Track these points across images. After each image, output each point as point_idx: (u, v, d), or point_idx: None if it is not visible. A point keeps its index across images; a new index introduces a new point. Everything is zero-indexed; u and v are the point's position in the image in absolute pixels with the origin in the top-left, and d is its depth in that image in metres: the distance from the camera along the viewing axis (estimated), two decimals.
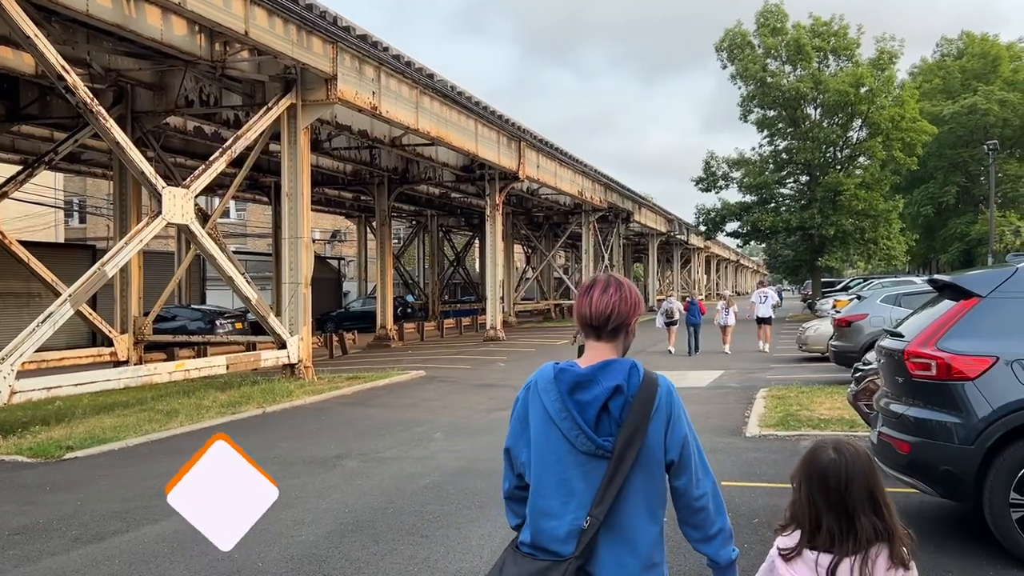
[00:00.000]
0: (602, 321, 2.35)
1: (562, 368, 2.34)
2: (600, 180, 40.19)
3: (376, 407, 13.40)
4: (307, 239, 17.36)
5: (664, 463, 2.29)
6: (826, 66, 40.41)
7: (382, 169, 27.79)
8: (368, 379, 16.82)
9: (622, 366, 2.29)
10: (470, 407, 13.26)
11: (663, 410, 2.26)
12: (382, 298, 28.87)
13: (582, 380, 2.28)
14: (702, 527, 2.34)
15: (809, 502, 2.27)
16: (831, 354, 15.35)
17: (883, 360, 5.84)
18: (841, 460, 2.25)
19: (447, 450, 9.66)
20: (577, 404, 2.26)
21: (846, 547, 2.20)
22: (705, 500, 2.32)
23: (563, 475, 2.26)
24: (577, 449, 2.24)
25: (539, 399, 2.33)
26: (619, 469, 2.21)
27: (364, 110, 18.60)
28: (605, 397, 2.25)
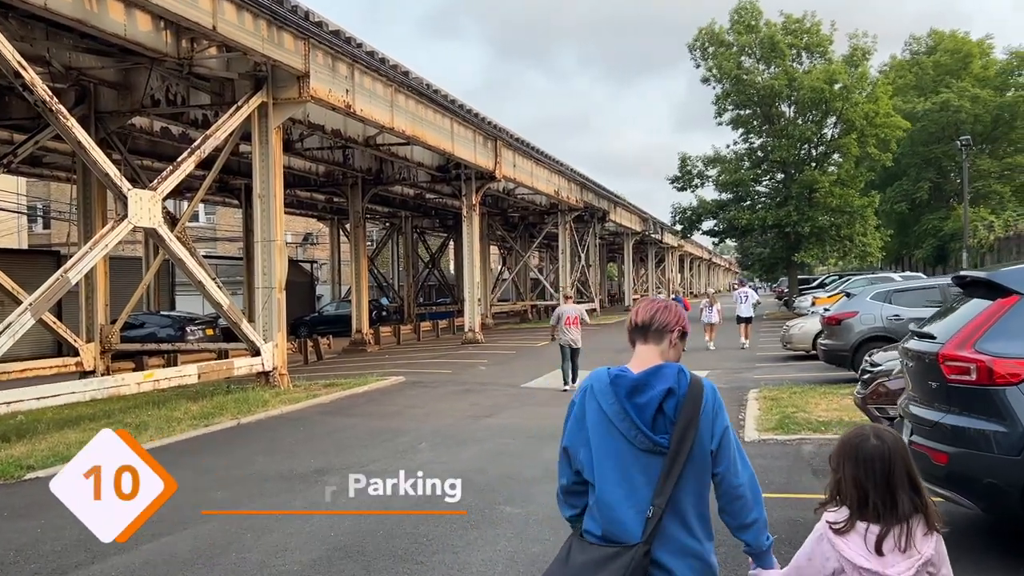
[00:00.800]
0: (646, 323, 2.69)
1: (617, 374, 2.60)
2: (576, 179, 39.84)
3: (357, 416, 12.87)
4: (280, 242, 16.77)
5: (710, 452, 2.55)
6: (799, 63, 40.39)
7: (356, 170, 27.19)
8: (346, 386, 16.26)
9: (672, 370, 2.57)
10: (455, 414, 12.78)
11: (709, 407, 2.55)
12: (357, 301, 28.27)
13: (638, 384, 2.55)
14: (740, 515, 2.60)
15: (855, 483, 2.52)
16: (820, 353, 15.06)
17: (912, 364, 5.45)
18: (884, 446, 2.52)
19: (435, 462, 9.18)
20: (635, 407, 2.53)
21: (891, 520, 2.49)
22: (743, 489, 2.58)
23: (624, 470, 2.53)
24: (636, 447, 2.52)
25: (596, 402, 2.59)
26: (675, 462, 2.48)
27: (338, 108, 18.05)
28: (659, 399, 2.52)
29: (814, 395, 12.56)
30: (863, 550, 2.50)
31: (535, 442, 10.12)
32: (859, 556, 2.50)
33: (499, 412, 12.93)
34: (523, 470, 8.51)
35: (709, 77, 41.29)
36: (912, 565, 2.49)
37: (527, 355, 23.48)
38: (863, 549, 2.50)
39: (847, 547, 2.52)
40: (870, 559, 2.49)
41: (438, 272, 48.49)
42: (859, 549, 2.51)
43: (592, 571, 2.49)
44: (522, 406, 13.58)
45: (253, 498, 7.73)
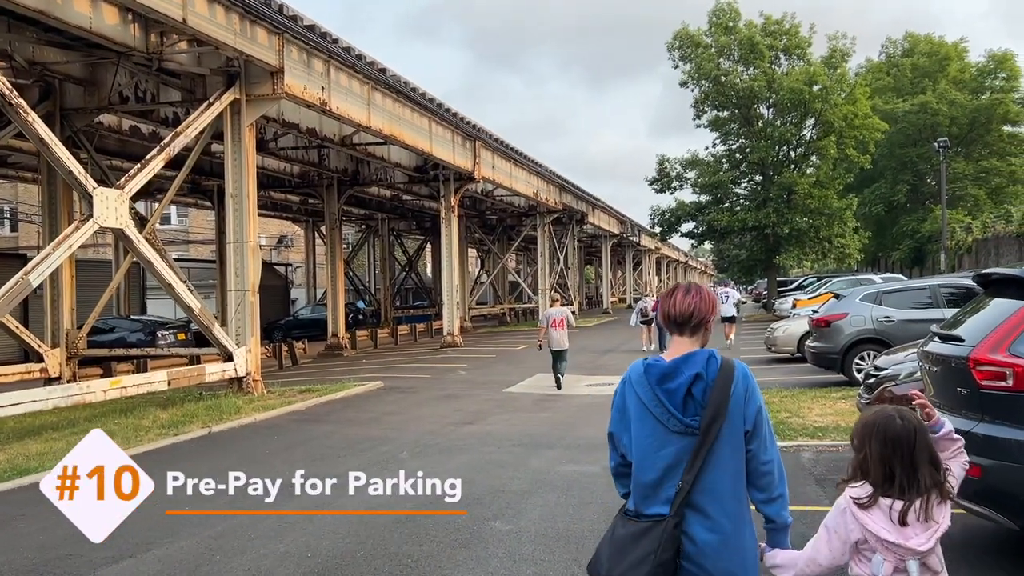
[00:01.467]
0: (685, 318, 2.80)
1: (650, 364, 2.77)
2: (555, 181, 39.49)
3: (333, 423, 12.36)
4: (254, 243, 16.22)
5: (743, 432, 2.70)
6: (778, 65, 40.34)
7: (331, 170, 26.63)
8: (322, 392, 15.74)
9: (701, 357, 2.73)
10: (436, 421, 12.31)
11: (740, 389, 2.69)
12: (333, 305, 27.70)
13: (668, 372, 2.72)
14: (767, 489, 2.75)
15: (881, 460, 2.67)
16: (809, 356, 14.75)
17: (935, 368, 5.08)
18: (908, 425, 2.69)
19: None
20: (665, 392, 2.70)
21: (913, 494, 2.65)
22: (771, 466, 2.73)
23: (659, 451, 2.70)
24: (669, 429, 2.69)
25: (634, 391, 2.77)
26: (704, 442, 2.64)
27: (313, 106, 17.54)
28: (688, 384, 2.68)
29: (805, 399, 12.23)
30: (887, 523, 2.66)
31: (521, 451, 9.69)
32: (882, 529, 2.66)
33: (482, 418, 12.48)
34: (511, 482, 8.07)
35: (688, 80, 41.16)
36: (931, 536, 2.66)
37: (507, 359, 23.05)
38: (886, 522, 2.66)
39: (871, 520, 2.67)
40: (892, 532, 2.65)
41: (415, 275, 47.94)
42: (882, 522, 2.66)
43: (631, 543, 2.71)
44: (505, 412, 13.14)
45: (222, 514, 7.22)
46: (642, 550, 2.67)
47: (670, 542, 2.64)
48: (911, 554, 2.66)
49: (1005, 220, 32.62)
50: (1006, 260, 31.84)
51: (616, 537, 2.78)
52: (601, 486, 7.71)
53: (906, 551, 2.66)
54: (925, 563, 2.69)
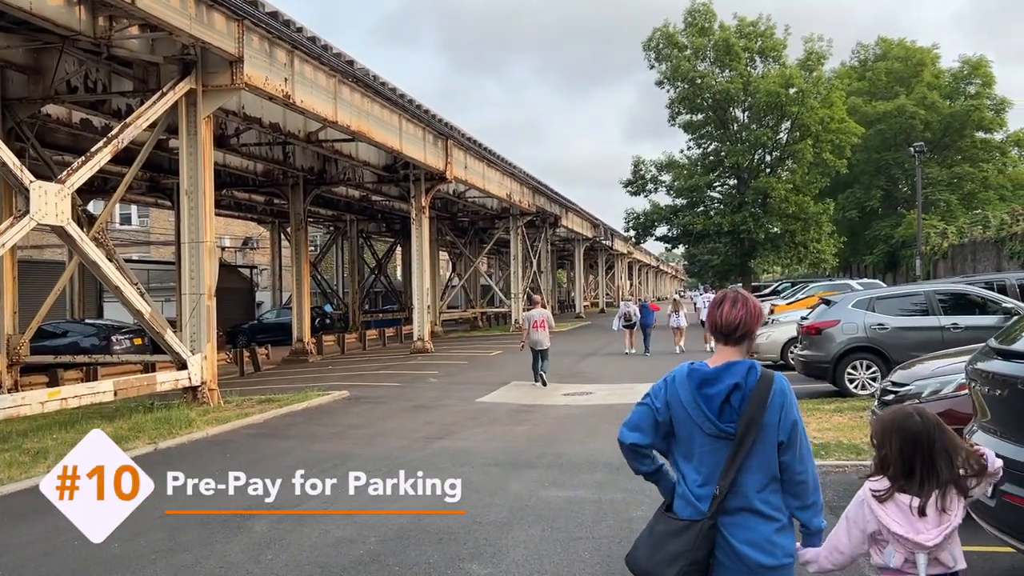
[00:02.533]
0: (732, 329, 2.90)
1: (694, 368, 2.90)
2: (529, 183, 38.69)
3: (293, 438, 11.39)
4: (210, 243, 15.19)
5: (777, 443, 2.81)
6: (754, 68, 39.96)
7: (297, 169, 25.56)
8: (283, 402, 14.75)
9: (742, 367, 2.84)
10: (405, 435, 11.40)
11: (777, 401, 2.81)
12: (299, 309, 26.63)
13: (709, 378, 2.86)
14: (800, 496, 2.86)
15: (901, 456, 2.83)
16: (798, 364, 14.04)
17: (997, 391, 4.29)
18: (926, 424, 2.83)
19: (384, 498, 7.80)
20: (704, 397, 2.84)
21: (930, 488, 2.79)
22: (805, 476, 2.84)
23: (696, 453, 2.86)
24: (705, 432, 2.84)
25: (676, 391, 2.89)
26: (740, 448, 2.78)
27: (275, 98, 16.55)
28: (727, 392, 2.81)
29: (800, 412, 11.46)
30: (900, 517, 2.77)
31: (499, 471, 8.82)
32: (894, 523, 2.77)
33: (454, 433, 11.59)
34: (488, 510, 7.20)
35: (663, 80, 40.67)
36: (941, 532, 2.74)
37: (480, 365, 22.16)
38: (899, 516, 2.77)
39: (885, 514, 2.79)
40: (904, 525, 2.75)
41: (385, 278, 46.86)
42: (896, 516, 2.77)
43: (669, 540, 2.83)
44: (479, 425, 12.26)
45: (160, 554, 6.29)
46: (677, 547, 2.81)
47: (704, 542, 2.78)
48: (919, 548, 2.76)
49: (982, 226, 32.33)
50: (983, 266, 31.54)
51: (655, 533, 2.91)
52: (590, 516, 6.88)
53: (915, 545, 2.75)
54: (937, 558, 2.79)
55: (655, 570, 2.84)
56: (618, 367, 20.96)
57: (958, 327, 12.78)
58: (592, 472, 8.59)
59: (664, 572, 2.81)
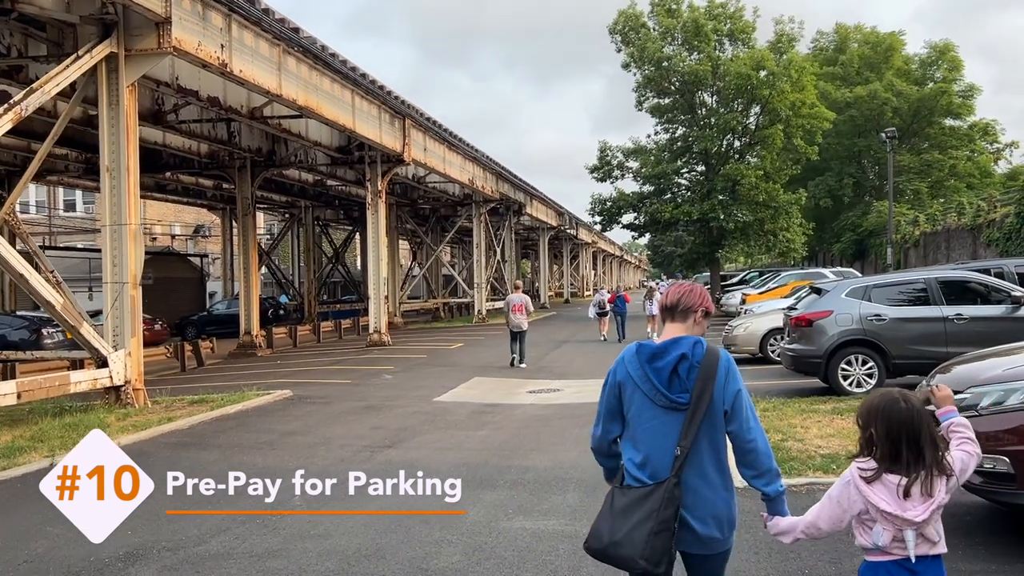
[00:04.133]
0: (674, 304, 3.17)
1: (642, 345, 3.11)
2: (492, 168, 37.22)
3: (217, 449, 9.89)
4: (135, 227, 13.56)
5: (723, 412, 3.01)
6: (722, 51, 38.85)
7: (243, 149, 23.83)
8: (217, 403, 13.21)
9: (688, 341, 3.04)
10: (350, 444, 9.96)
11: (722, 373, 2.99)
12: (246, 299, 24.96)
13: (657, 351, 3.05)
14: (753, 466, 3.02)
15: (888, 440, 2.87)
16: (787, 359, 12.82)
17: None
18: (912, 408, 2.89)
19: (310, 533, 6.42)
20: (654, 370, 3.02)
21: (917, 470, 2.85)
22: (754, 444, 3.01)
23: (648, 423, 3.03)
24: (656, 404, 3.01)
25: (626, 369, 3.09)
26: (696, 413, 2.96)
27: (210, 66, 14.91)
28: (674, 363, 3.00)
29: (792, 414, 10.24)
30: (888, 496, 2.84)
31: (455, 490, 7.42)
32: (882, 501, 2.84)
33: (406, 439, 10.19)
34: (439, 551, 5.84)
35: (630, 62, 39.41)
36: (927, 509, 2.84)
37: (440, 360, 20.74)
38: (888, 495, 2.85)
39: (873, 493, 2.85)
40: (892, 504, 2.84)
41: (343, 267, 45.11)
42: (884, 495, 2.85)
43: (635, 507, 2.94)
44: (435, 429, 10.87)
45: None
46: (645, 510, 2.91)
47: (671, 500, 2.91)
48: (908, 525, 2.84)
49: (957, 212, 31.56)
50: (957, 254, 30.79)
51: (617, 507, 2.99)
52: (565, 556, 5.53)
53: (904, 522, 2.84)
54: (922, 533, 2.87)
55: (623, 539, 2.91)
56: (586, 360, 19.68)
57: (962, 318, 11.64)
58: (564, 492, 7.24)
59: (633, 536, 2.89)
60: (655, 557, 2.86)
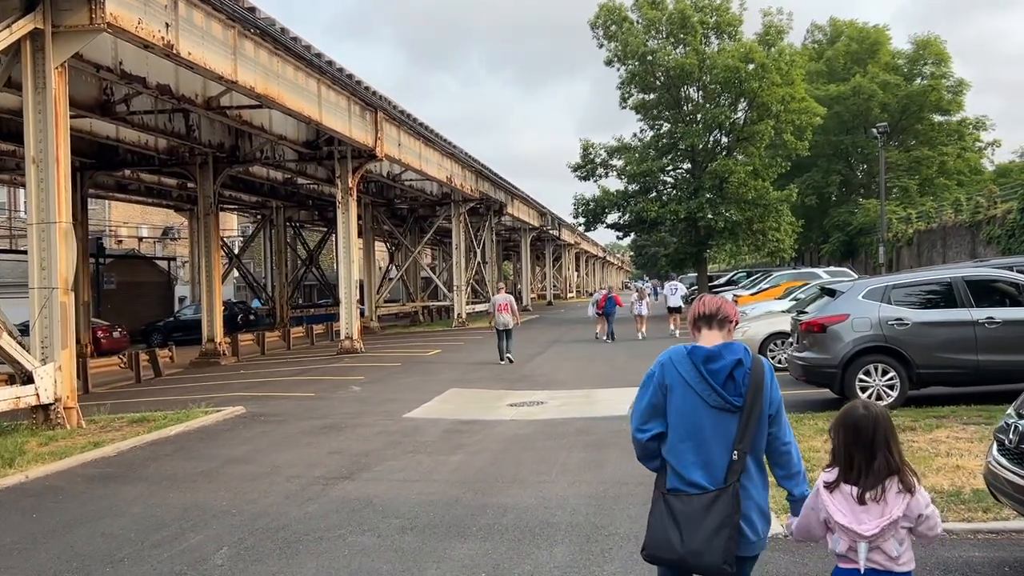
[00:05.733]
0: (713, 312, 3.28)
1: (694, 348, 3.20)
2: (472, 166, 35.81)
3: (141, 483, 8.42)
4: (65, 224, 12.08)
5: (768, 416, 3.14)
6: (708, 45, 37.67)
7: (204, 144, 22.29)
8: (159, 423, 11.74)
9: (739, 347, 3.17)
10: (300, 474, 8.54)
11: (769, 379, 3.14)
12: (209, 304, 23.41)
13: (712, 354, 3.14)
14: (786, 467, 3.19)
15: (845, 446, 2.93)
16: (795, 368, 11.47)
17: None
18: (870, 414, 2.92)
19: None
20: (710, 371, 3.11)
21: (869, 479, 2.87)
22: (789, 447, 3.19)
23: (695, 421, 3.11)
24: (709, 404, 3.10)
25: (675, 370, 3.17)
26: (751, 416, 3.07)
27: (154, 47, 13.42)
28: (731, 367, 3.10)
29: (810, 433, 8.90)
30: (843, 507, 2.90)
31: (413, 543, 6.05)
32: (838, 512, 2.91)
33: (366, 468, 8.77)
34: None
35: (613, 59, 38.13)
36: (879, 524, 2.85)
37: (415, 369, 19.31)
38: (843, 506, 2.90)
39: (831, 503, 2.93)
40: (847, 515, 2.88)
41: (318, 270, 43.54)
42: (840, 506, 2.91)
43: (704, 514, 2.99)
44: (401, 454, 9.46)
45: None
46: (717, 517, 2.97)
47: (736, 504, 2.99)
48: (859, 538, 2.87)
49: (954, 209, 30.46)
50: (955, 252, 29.72)
51: (680, 514, 3.03)
52: None
53: (855, 535, 2.87)
54: (880, 547, 2.87)
55: (704, 548, 2.95)
56: (572, 367, 18.33)
57: (994, 322, 10.37)
58: (551, 544, 5.85)
59: (713, 544, 2.95)
60: (733, 560, 2.95)
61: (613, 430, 10.29)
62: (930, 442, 8.13)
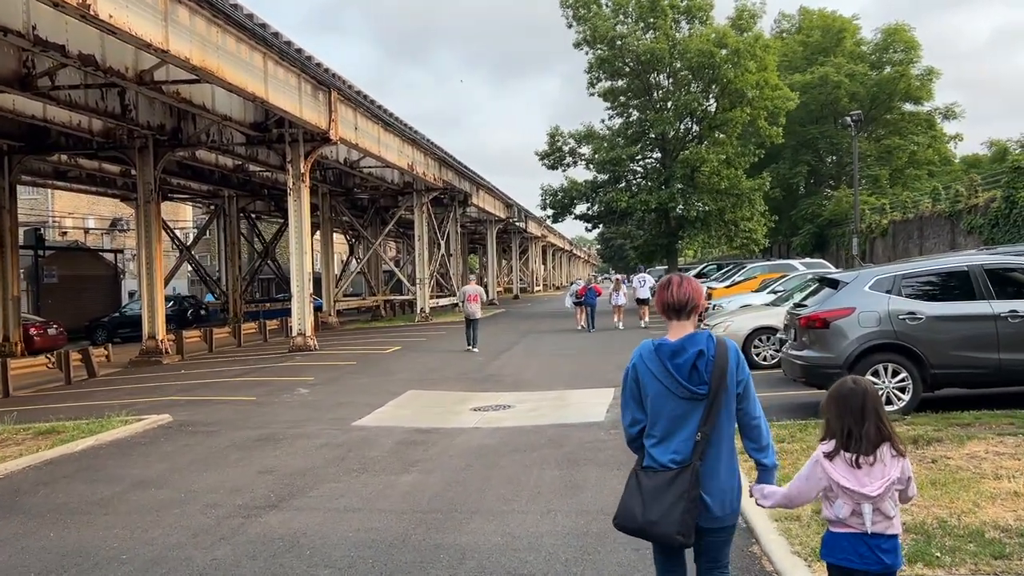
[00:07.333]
0: (682, 304, 3.39)
1: (660, 343, 3.34)
2: (434, 154, 34.28)
3: (21, 515, 6.92)
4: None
5: (736, 395, 3.33)
6: (678, 30, 36.54)
7: (142, 126, 20.53)
8: (68, 435, 10.20)
9: (701, 337, 3.33)
10: (218, 502, 7.09)
11: (732, 362, 3.30)
12: (150, 298, 21.70)
13: (676, 349, 3.31)
14: (756, 440, 3.38)
15: (839, 417, 3.10)
16: (795, 369, 10.19)
17: None
18: (858, 387, 3.12)
19: None
20: (675, 366, 3.29)
21: (862, 444, 3.04)
22: (758, 420, 3.36)
23: (666, 411, 3.31)
24: (675, 395, 3.29)
25: (645, 365, 3.36)
26: (715, 403, 3.25)
27: (66, 6, 11.76)
28: (693, 359, 3.27)
29: (812, 442, 7.58)
30: (847, 472, 3.05)
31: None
32: (842, 477, 3.05)
33: (297, 494, 7.34)
34: None
35: (581, 41, 36.87)
36: (883, 484, 3.03)
37: (371, 368, 17.84)
38: (846, 472, 3.05)
39: (834, 470, 3.07)
40: (850, 479, 3.04)
41: (274, 263, 41.72)
42: (843, 471, 3.06)
43: (664, 488, 3.21)
44: (343, 475, 8.03)
45: None
46: (676, 491, 3.19)
47: (697, 480, 3.20)
48: (865, 499, 3.02)
49: (932, 199, 29.59)
50: (932, 243, 28.87)
51: (646, 488, 3.26)
52: None
53: (861, 496, 3.03)
54: (878, 508, 3.04)
55: (660, 518, 3.19)
56: (541, 365, 17.01)
57: (1018, 315, 9.19)
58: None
59: (670, 515, 3.18)
60: (688, 531, 3.18)
61: (589, 440, 8.99)
62: (968, 459, 6.87)
